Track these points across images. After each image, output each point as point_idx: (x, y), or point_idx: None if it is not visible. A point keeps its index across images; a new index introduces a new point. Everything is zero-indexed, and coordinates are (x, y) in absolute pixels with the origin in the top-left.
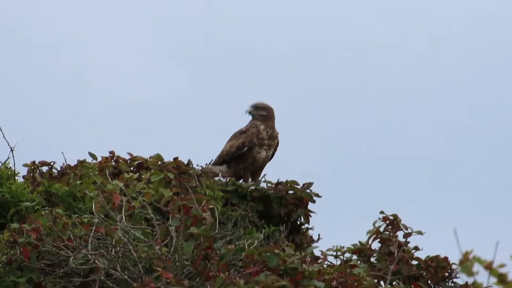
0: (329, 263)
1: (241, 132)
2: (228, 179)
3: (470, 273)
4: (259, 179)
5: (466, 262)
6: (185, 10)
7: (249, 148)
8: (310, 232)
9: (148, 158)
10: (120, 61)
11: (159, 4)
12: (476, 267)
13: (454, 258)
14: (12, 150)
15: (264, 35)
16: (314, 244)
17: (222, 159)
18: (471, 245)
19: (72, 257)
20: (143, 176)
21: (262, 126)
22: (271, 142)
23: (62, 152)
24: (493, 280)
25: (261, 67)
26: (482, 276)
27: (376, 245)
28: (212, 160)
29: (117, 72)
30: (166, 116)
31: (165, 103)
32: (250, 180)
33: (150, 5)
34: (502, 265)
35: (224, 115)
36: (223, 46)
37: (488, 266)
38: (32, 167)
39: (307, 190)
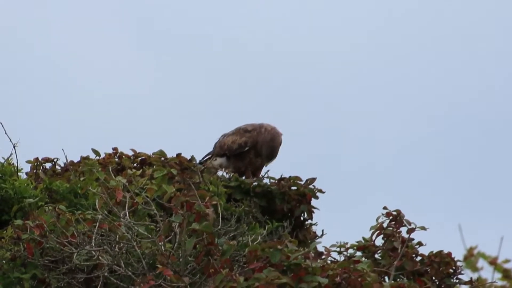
0: (333, 259)
1: (246, 131)
2: (231, 175)
3: (475, 269)
4: (263, 175)
5: (471, 257)
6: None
7: (249, 149)
8: (313, 228)
9: (151, 154)
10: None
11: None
12: (481, 262)
13: (458, 254)
14: (14, 147)
15: (262, 33)
16: (317, 240)
17: (223, 152)
18: (475, 241)
19: (75, 254)
20: (146, 172)
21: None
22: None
23: (63, 149)
24: (498, 275)
25: (258, 66)
26: (486, 271)
27: (379, 241)
28: (211, 152)
29: (115, 70)
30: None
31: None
32: (251, 177)
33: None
34: (506, 261)
35: (212, 112)
36: (203, 40)
37: (493, 262)
38: (35, 163)
39: (310, 186)
